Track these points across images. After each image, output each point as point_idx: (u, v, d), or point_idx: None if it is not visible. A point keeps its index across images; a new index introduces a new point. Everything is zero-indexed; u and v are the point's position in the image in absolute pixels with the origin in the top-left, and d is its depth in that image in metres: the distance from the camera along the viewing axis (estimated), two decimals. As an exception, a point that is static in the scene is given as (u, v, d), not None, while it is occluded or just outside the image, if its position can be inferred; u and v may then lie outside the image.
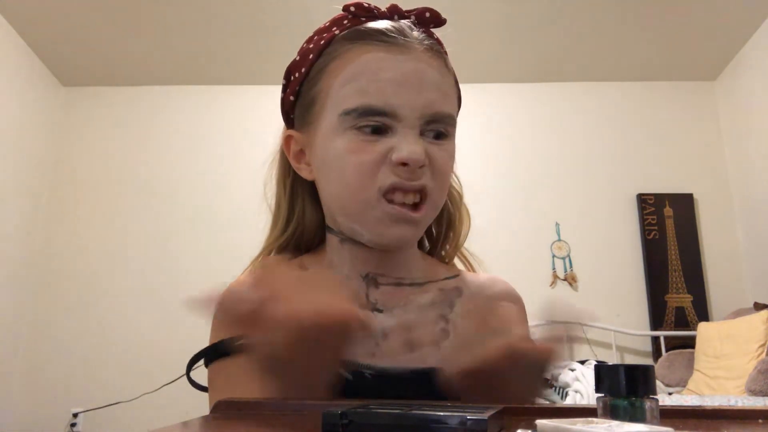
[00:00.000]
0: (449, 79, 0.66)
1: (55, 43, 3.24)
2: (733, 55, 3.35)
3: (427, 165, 0.61)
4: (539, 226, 3.32)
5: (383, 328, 0.65)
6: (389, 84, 0.60)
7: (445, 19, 0.67)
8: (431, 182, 0.62)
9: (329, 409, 0.35)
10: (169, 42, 3.26)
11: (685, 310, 3.20)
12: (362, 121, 0.61)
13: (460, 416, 0.33)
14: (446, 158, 0.64)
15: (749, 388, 2.22)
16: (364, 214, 0.63)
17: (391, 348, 0.64)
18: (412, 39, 0.63)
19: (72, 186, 3.48)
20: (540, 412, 0.47)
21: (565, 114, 3.56)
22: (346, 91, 0.62)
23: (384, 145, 0.61)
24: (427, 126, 0.62)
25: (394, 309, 0.66)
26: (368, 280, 0.67)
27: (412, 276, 0.69)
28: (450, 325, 0.67)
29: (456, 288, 0.70)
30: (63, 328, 3.23)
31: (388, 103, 0.60)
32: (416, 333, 0.65)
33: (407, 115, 0.60)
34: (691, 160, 3.47)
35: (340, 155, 0.62)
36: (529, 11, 3.03)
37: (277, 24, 3.05)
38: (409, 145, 0.60)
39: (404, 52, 0.62)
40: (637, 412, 0.37)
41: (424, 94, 0.61)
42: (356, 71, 0.62)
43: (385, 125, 0.61)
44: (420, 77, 0.61)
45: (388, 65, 0.61)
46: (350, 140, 0.61)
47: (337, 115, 0.62)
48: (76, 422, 3.08)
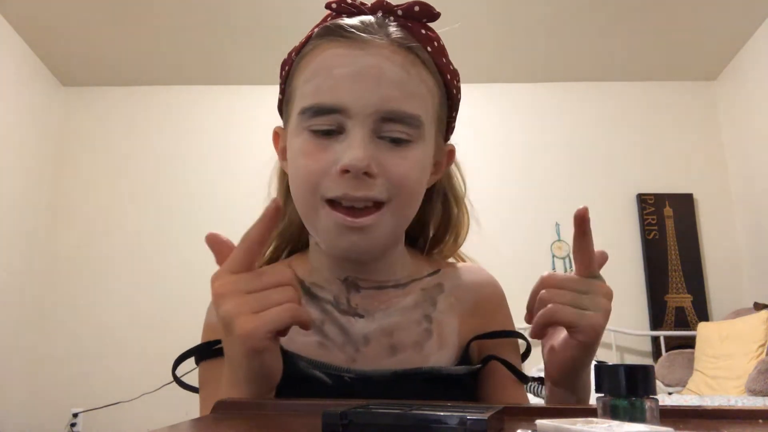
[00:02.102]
0: (419, 77, 0.61)
1: (55, 43, 3.24)
2: (733, 55, 3.35)
3: (378, 174, 0.57)
4: (539, 226, 3.32)
5: (364, 333, 0.63)
6: (343, 80, 0.58)
7: (439, 13, 0.63)
8: (386, 194, 0.58)
9: (329, 409, 0.35)
10: (169, 42, 3.26)
11: (685, 310, 3.20)
12: (315, 120, 0.58)
13: (460, 416, 0.33)
14: (406, 167, 0.59)
15: (749, 388, 2.22)
16: (314, 222, 0.61)
17: (373, 353, 0.63)
18: (376, 33, 0.59)
19: (72, 186, 3.48)
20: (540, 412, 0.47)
21: (565, 114, 3.56)
22: (305, 89, 0.60)
23: (333, 150, 0.58)
24: (382, 125, 0.58)
25: (376, 313, 0.64)
26: (348, 284, 0.65)
27: (396, 277, 0.67)
28: (434, 324, 0.66)
29: (438, 285, 0.69)
30: (63, 328, 3.23)
31: (340, 99, 0.57)
32: (398, 336, 0.64)
33: (359, 112, 0.57)
34: (691, 160, 3.47)
35: (296, 156, 0.61)
36: (529, 11, 3.03)
37: (277, 24, 3.05)
38: (353, 150, 0.56)
39: (362, 47, 0.59)
40: (637, 412, 0.37)
41: (380, 90, 0.57)
42: (316, 69, 0.60)
43: (338, 125, 0.58)
44: (377, 73, 0.58)
45: (344, 61, 0.58)
46: (303, 141, 0.60)
47: (296, 113, 0.61)
48: (76, 422, 3.08)
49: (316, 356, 0.62)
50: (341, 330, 0.63)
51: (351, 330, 0.63)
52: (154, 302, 3.22)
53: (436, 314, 0.66)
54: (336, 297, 0.65)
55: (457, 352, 0.66)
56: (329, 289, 0.66)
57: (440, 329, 0.66)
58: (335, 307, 0.64)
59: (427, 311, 0.66)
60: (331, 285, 0.66)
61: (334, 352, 0.62)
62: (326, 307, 0.65)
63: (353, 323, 0.64)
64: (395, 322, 0.64)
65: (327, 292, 0.65)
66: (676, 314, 3.19)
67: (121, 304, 3.25)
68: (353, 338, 0.63)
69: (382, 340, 0.63)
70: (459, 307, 0.68)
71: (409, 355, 0.63)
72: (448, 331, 0.66)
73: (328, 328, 0.63)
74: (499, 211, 3.22)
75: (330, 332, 0.63)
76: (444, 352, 0.65)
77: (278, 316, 0.49)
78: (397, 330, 0.64)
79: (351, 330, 0.63)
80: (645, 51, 3.33)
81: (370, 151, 0.57)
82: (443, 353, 0.65)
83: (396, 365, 0.62)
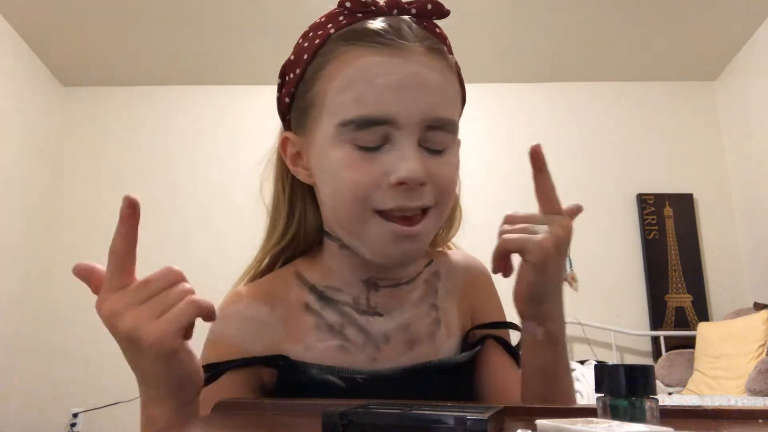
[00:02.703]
0: (452, 81, 0.62)
1: (55, 43, 3.24)
2: (733, 55, 3.35)
3: (428, 183, 0.58)
4: (539, 226, 3.31)
5: (384, 332, 0.64)
6: (387, 90, 0.57)
7: (449, 10, 0.63)
8: (434, 201, 0.59)
9: (329, 409, 0.35)
10: (169, 42, 3.26)
11: (685, 310, 3.20)
12: (360, 133, 0.57)
13: (460, 416, 0.33)
14: (450, 173, 0.61)
15: (749, 388, 2.22)
16: (362, 233, 0.60)
17: (393, 350, 0.64)
18: (410, 39, 0.59)
19: (72, 186, 3.48)
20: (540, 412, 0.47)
21: (565, 114, 3.56)
22: (343, 99, 0.58)
23: (381, 162, 0.57)
24: (427, 132, 0.58)
25: (393, 310, 0.66)
26: (369, 284, 0.66)
27: (408, 273, 0.68)
28: (440, 312, 0.68)
29: (435, 273, 0.71)
30: (63, 327, 3.23)
31: (387, 110, 0.57)
32: (414, 330, 0.65)
33: (406, 122, 0.57)
34: (691, 160, 3.47)
35: (336, 169, 0.59)
36: (529, 11, 3.03)
37: (277, 24, 3.05)
38: (407, 162, 0.56)
39: (402, 55, 0.58)
40: (637, 412, 0.37)
41: (425, 98, 0.58)
42: (352, 77, 0.58)
43: (383, 135, 0.57)
44: (420, 81, 0.58)
45: (386, 70, 0.57)
46: (346, 153, 0.58)
47: (333, 125, 0.58)
48: (76, 422, 3.08)
49: (336, 361, 0.62)
50: (361, 331, 0.64)
51: (371, 329, 0.64)
52: (154, 302, 3.22)
53: (439, 302, 0.69)
54: (355, 298, 0.65)
55: (459, 340, 0.68)
56: (347, 291, 0.65)
57: (445, 317, 0.68)
58: (354, 308, 0.65)
59: (432, 301, 0.68)
60: (350, 287, 0.66)
61: (354, 354, 0.63)
62: (344, 310, 0.65)
63: (372, 323, 0.64)
64: (409, 316, 0.66)
65: (345, 295, 0.65)
66: (676, 314, 3.19)
67: (121, 304, 3.25)
68: (373, 337, 0.64)
69: (400, 335, 0.65)
70: (454, 291, 0.71)
71: (424, 348, 0.65)
72: (450, 317, 0.69)
73: (348, 331, 0.64)
74: (498, 210, 3.19)
75: (350, 334, 0.64)
76: (452, 341, 0.67)
77: (182, 312, 0.47)
78: (412, 324, 0.66)
79: (371, 329, 0.64)
80: (645, 51, 3.33)
81: (421, 163, 0.57)
82: (451, 342, 0.67)
83: (414, 359, 0.64)
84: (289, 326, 0.64)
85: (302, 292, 0.66)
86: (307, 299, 0.65)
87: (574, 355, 3.09)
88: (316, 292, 0.66)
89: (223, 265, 2.58)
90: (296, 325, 0.64)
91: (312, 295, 0.65)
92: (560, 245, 0.57)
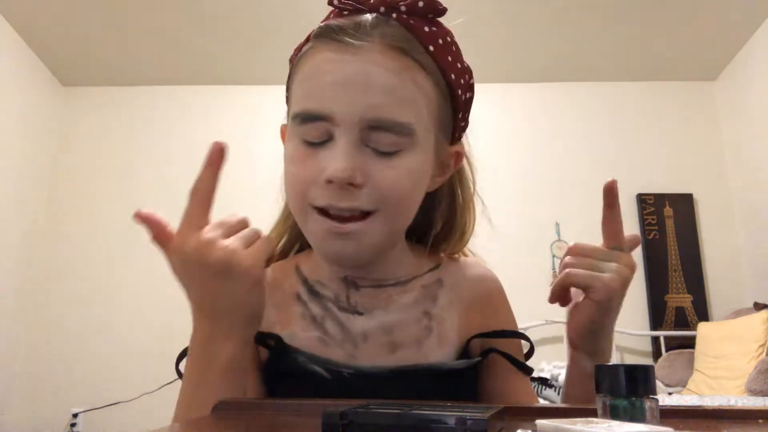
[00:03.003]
0: (412, 83, 0.57)
1: (55, 43, 3.24)
2: (733, 55, 3.35)
3: (364, 184, 0.56)
4: (539, 226, 3.31)
5: (363, 330, 0.64)
6: (330, 87, 0.56)
7: (445, 8, 0.60)
8: (373, 204, 0.57)
9: (329, 409, 0.35)
10: (169, 42, 3.26)
11: (685, 310, 3.20)
12: (305, 127, 0.58)
13: (460, 416, 0.33)
14: (394, 176, 0.57)
15: (749, 388, 2.22)
16: (305, 227, 0.61)
17: (372, 350, 0.63)
18: (368, 37, 0.57)
19: (71, 186, 3.48)
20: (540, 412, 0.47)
21: (565, 114, 3.56)
22: (298, 92, 0.60)
23: (320, 158, 0.57)
24: (369, 134, 0.56)
25: (375, 310, 0.65)
26: (347, 282, 0.66)
27: (396, 275, 0.67)
28: (434, 321, 0.66)
29: (438, 280, 0.69)
30: (63, 328, 3.23)
31: (326, 107, 0.56)
32: (398, 334, 0.64)
33: (345, 120, 0.55)
34: (691, 160, 3.47)
35: (286, 162, 0.61)
36: (530, 11, 3.03)
37: (278, 24, 3.05)
38: (336, 161, 0.55)
39: (354, 53, 0.56)
40: (637, 412, 0.37)
41: (367, 98, 0.55)
42: (308, 73, 0.59)
43: (327, 132, 0.57)
44: (365, 80, 0.56)
45: (334, 67, 0.57)
46: (294, 148, 0.59)
47: (290, 118, 0.61)
48: (76, 422, 3.08)
49: (316, 351, 0.63)
50: (340, 327, 0.64)
51: (350, 327, 0.64)
52: (155, 302, 3.22)
53: (436, 310, 0.66)
54: (336, 294, 0.66)
55: (457, 349, 0.66)
56: (330, 287, 0.66)
57: (440, 326, 0.66)
58: (335, 304, 0.65)
59: (427, 308, 0.66)
60: (332, 283, 0.66)
61: (333, 348, 0.63)
62: (327, 304, 0.66)
63: (352, 320, 0.64)
64: (395, 319, 0.64)
65: (328, 290, 0.66)
66: (676, 314, 3.19)
67: (121, 303, 3.25)
68: (352, 335, 0.64)
69: (381, 337, 0.64)
70: (458, 303, 0.68)
71: (409, 353, 0.63)
72: (447, 327, 0.66)
73: (329, 325, 0.64)
74: (498, 210, 3.19)
75: (330, 328, 0.64)
76: (444, 350, 0.65)
77: (264, 245, 0.54)
78: (396, 327, 0.64)
79: (350, 327, 0.64)
80: (645, 51, 3.33)
81: (355, 161, 0.55)
82: (443, 351, 0.65)
83: (395, 362, 0.62)
84: (281, 311, 0.66)
85: (296, 284, 0.68)
86: (298, 290, 0.67)
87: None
88: (307, 285, 0.67)
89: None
90: (286, 312, 0.66)
91: (303, 287, 0.67)
92: (626, 285, 0.58)
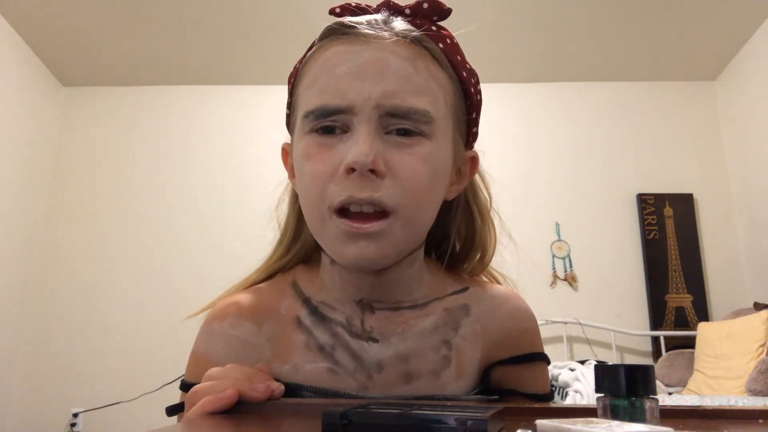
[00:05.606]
0: (427, 73, 0.57)
1: (55, 43, 3.24)
2: (733, 55, 3.35)
3: (386, 174, 0.53)
4: (539, 226, 3.31)
5: (378, 359, 0.59)
6: (345, 77, 0.54)
7: (450, 9, 0.59)
8: (392, 197, 0.54)
9: (329, 409, 0.35)
10: (169, 42, 3.25)
11: (685, 310, 3.20)
12: (319, 122, 0.55)
13: (460, 416, 0.33)
14: (414, 164, 0.54)
15: (749, 388, 2.21)
16: (323, 234, 0.57)
17: (386, 381, 0.58)
18: (383, 29, 0.56)
19: (71, 186, 3.48)
20: (540, 412, 0.47)
21: (564, 114, 3.56)
22: (309, 93, 0.57)
23: (338, 150, 0.54)
24: (388, 120, 0.54)
25: (391, 337, 0.60)
26: (362, 305, 0.61)
27: (414, 297, 0.62)
28: (453, 351, 0.60)
29: (464, 306, 0.63)
30: (63, 328, 3.23)
31: (344, 97, 0.54)
32: (414, 363, 0.59)
33: (363, 107, 0.53)
34: (691, 160, 3.47)
35: (300, 163, 0.57)
36: (529, 11, 3.03)
37: (277, 24, 3.05)
38: (357, 146, 0.52)
39: (365, 42, 0.55)
40: (637, 412, 0.37)
41: (384, 84, 0.54)
42: (317, 71, 0.57)
43: (344, 124, 0.55)
44: (380, 66, 0.54)
45: (346, 58, 0.55)
46: (307, 144, 0.56)
47: (300, 119, 0.58)
48: (76, 422, 3.08)
49: (325, 384, 0.58)
50: (352, 356, 0.59)
51: (364, 356, 0.59)
52: (155, 302, 3.22)
53: (456, 339, 0.61)
54: (349, 318, 0.60)
55: (476, 381, 0.62)
56: (341, 310, 0.61)
57: (459, 357, 0.61)
58: (347, 330, 0.60)
59: (447, 336, 0.61)
60: (343, 306, 0.61)
61: (344, 379, 0.58)
62: (337, 330, 0.60)
63: (366, 348, 0.59)
64: (411, 347, 0.60)
65: (338, 314, 0.61)
66: (676, 314, 3.19)
67: (122, 303, 3.25)
68: (366, 364, 0.59)
69: (397, 366, 0.59)
70: (485, 336, 0.63)
71: (424, 384, 0.59)
72: (467, 359, 0.61)
73: (339, 354, 0.59)
74: (498, 210, 3.21)
75: (340, 358, 0.59)
76: (461, 382, 0.60)
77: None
78: (413, 356, 0.59)
79: (364, 356, 0.59)
80: (645, 51, 3.33)
81: (376, 146, 0.53)
82: (461, 383, 0.60)
83: (410, 393, 0.58)
84: (278, 344, 0.60)
85: (295, 305, 0.62)
86: (299, 313, 0.61)
87: (574, 355, 3.09)
88: (309, 306, 0.62)
89: (222, 265, 2.59)
90: (285, 343, 0.60)
91: (305, 309, 0.62)
92: None
